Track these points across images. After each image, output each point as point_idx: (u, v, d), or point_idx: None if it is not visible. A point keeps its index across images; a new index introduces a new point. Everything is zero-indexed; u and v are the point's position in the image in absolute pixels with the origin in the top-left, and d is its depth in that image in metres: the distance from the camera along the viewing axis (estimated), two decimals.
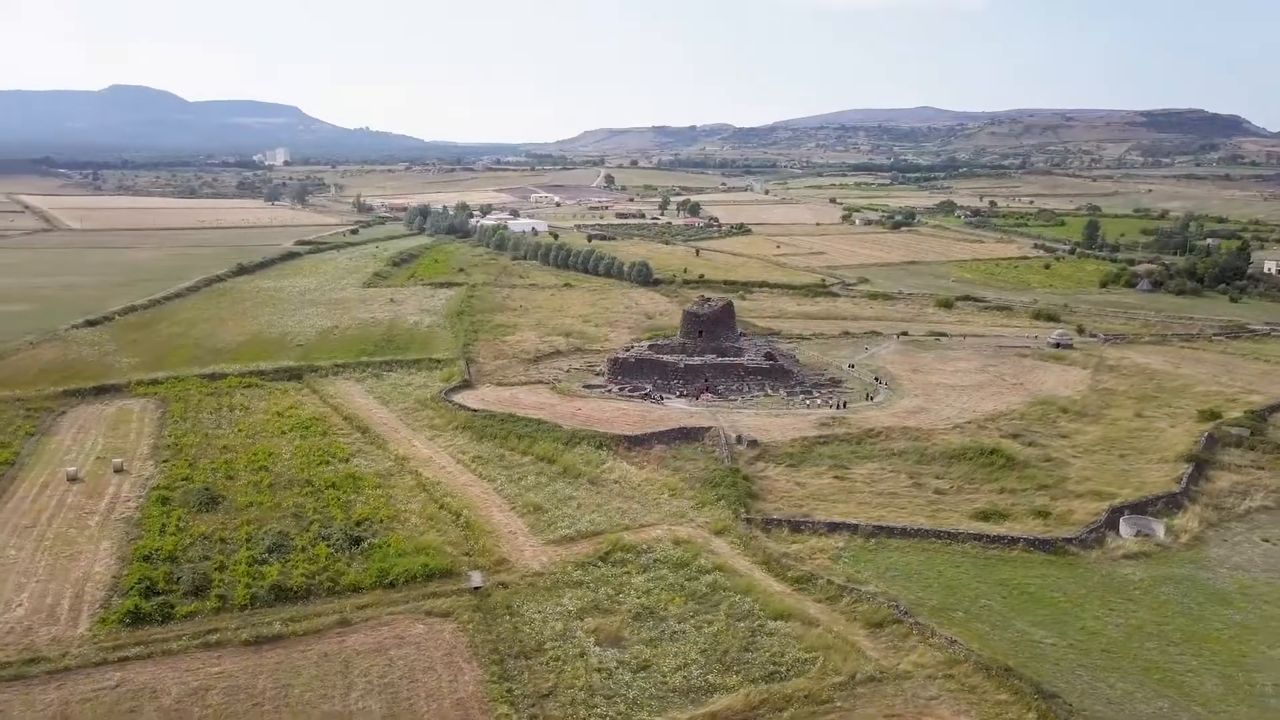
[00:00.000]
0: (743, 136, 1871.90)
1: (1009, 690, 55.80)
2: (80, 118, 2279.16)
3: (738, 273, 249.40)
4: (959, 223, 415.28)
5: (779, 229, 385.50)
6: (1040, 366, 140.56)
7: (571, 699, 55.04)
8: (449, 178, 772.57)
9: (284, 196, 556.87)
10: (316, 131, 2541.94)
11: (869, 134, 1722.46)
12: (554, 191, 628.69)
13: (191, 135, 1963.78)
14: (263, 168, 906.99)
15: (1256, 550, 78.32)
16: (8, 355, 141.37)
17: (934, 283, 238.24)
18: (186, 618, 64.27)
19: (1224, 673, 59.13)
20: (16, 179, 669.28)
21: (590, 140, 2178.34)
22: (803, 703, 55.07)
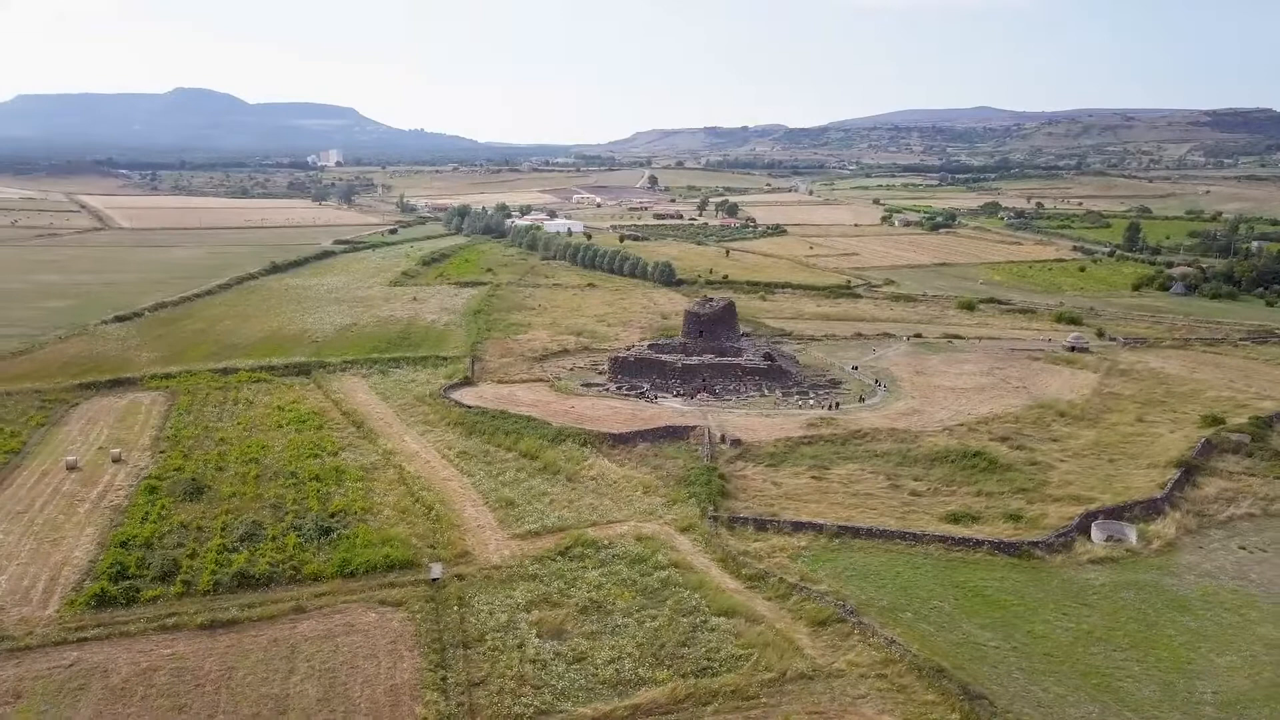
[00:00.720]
0: (794, 137, 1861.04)
1: (937, 691, 55.87)
2: (144, 120, 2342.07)
3: (764, 273, 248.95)
4: (1001, 224, 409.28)
5: (816, 230, 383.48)
6: (1049, 370, 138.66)
7: (500, 688, 56.23)
8: (495, 179, 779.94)
9: (331, 197, 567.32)
10: (372, 133, 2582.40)
11: (922, 135, 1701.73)
12: (597, 192, 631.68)
13: (250, 136, 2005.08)
14: (315, 168, 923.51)
15: (1230, 557, 76.96)
16: (36, 349, 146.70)
17: (962, 285, 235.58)
18: (150, 601, 66.70)
19: (1165, 679, 58.46)
20: (79, 179, 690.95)
21: (642, 141, 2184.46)
22: (728, 698, 55.69)
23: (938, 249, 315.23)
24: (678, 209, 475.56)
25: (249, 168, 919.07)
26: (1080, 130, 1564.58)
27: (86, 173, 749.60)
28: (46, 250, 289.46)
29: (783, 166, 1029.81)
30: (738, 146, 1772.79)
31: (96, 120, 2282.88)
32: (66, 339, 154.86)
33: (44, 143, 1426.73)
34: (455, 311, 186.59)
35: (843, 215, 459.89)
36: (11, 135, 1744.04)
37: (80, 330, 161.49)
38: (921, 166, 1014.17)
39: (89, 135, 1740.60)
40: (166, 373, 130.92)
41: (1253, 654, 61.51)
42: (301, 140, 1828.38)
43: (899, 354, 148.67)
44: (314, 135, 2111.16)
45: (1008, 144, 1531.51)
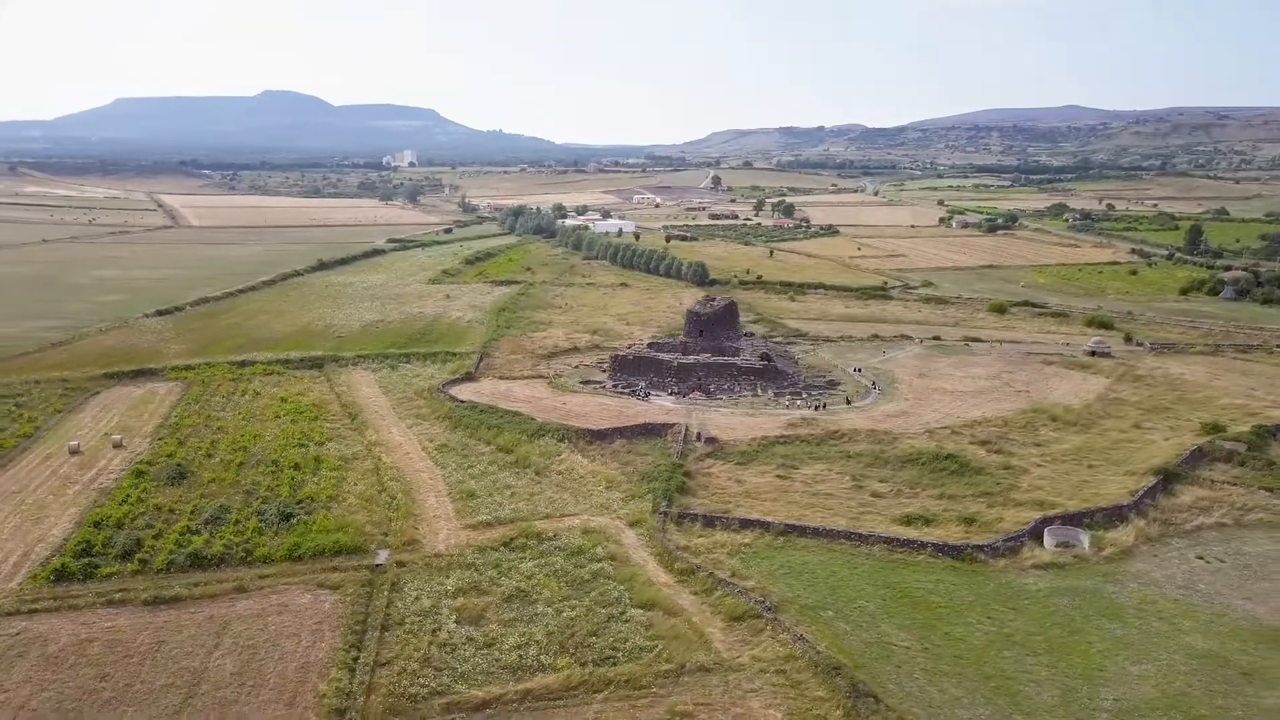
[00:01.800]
0: (870, 138, 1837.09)
1: (828, 688, 56.38)
2: (234, 121, 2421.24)
3: (801, 274, 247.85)
4: (1063, 226, 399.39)
5: (871, 230, 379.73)
6: (1061, 374, 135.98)
7: (403, 669, 58.40)
8: (562, 179, 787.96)
9: (397, 196, 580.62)
10: (451, 133, 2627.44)
11: (1003, 135, 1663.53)
12: (659, 193, 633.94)
13: (334, 138, 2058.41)
14: (388, 169, 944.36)
15: (1184, 567, 75.28)
16: (75, 340, 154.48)
17: (1002, 287, 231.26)
18: (106, 578, 70.64)
19: (1069, 685, 57.88)
20: (163, 179, 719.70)
21: (716, 142, 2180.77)
22: (620, 687, 56.97)
23: (989, 251, 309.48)
24: (734, 209, 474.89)
25: (325, 168, 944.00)
26: (1169, 129, 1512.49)
27: (171, 173, 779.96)
28: (114, 247, 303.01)
29: (853, 167, 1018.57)
30: (812, 147, 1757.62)
31: (189, 122, 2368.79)
32: (106, 331, 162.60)
33: (138, 144, 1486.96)
34: (482, 309, 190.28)
35: (902, 216, 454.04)
36: (109, 137, 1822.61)
37: (121, 323, 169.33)
38: (997, 167, 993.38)
39: (181, 136, 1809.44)
40: (187, 364, 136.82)
41: (1171, 664, 60.42)
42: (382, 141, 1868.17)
43: (909, 356, 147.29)
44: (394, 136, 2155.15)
45: (1092, 144, 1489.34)
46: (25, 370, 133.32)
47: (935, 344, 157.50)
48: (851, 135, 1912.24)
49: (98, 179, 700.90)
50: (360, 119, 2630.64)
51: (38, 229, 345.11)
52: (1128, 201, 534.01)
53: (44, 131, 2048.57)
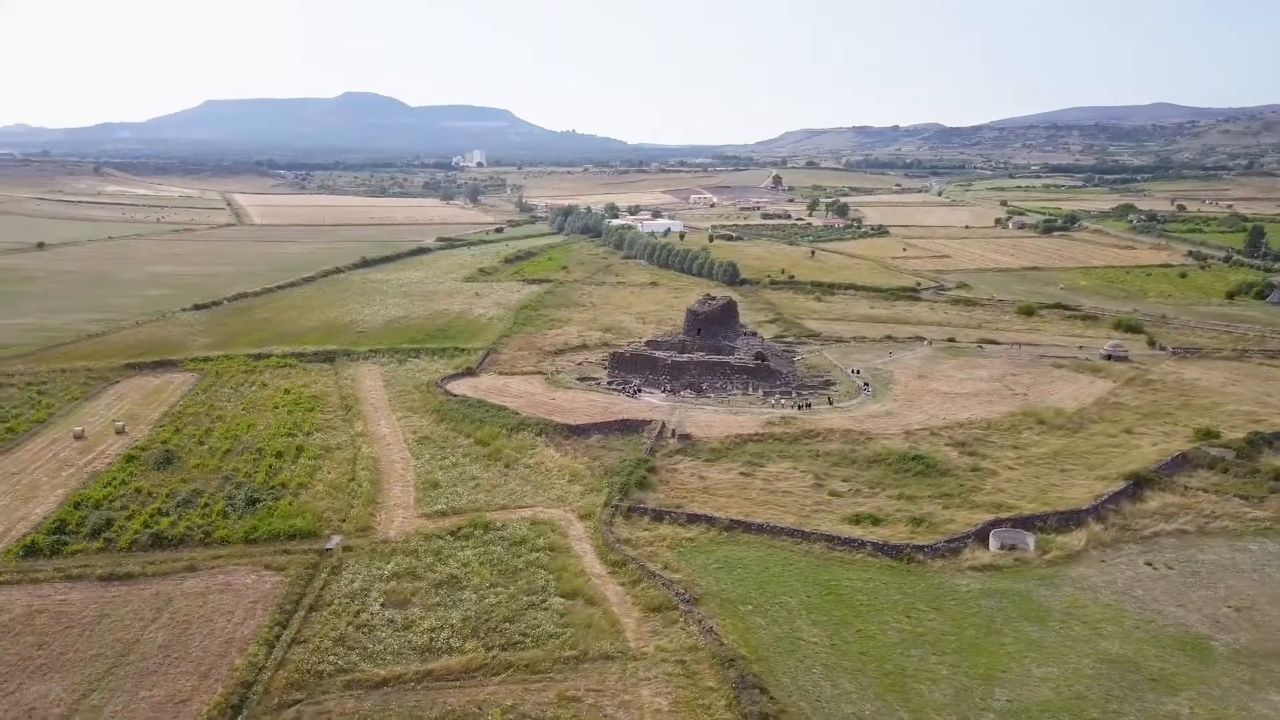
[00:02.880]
0: (945, 137, 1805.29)
1: (719, 679, 57.40)
2: (314, 122, 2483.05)
3: (836, 274, 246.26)
4: (1125, 227, 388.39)
5: (923, 231, 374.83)
6: (1068, 377, 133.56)
7: (316, 646, 61.10)
8: (623, 180, 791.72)
9: (458, 196, 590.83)
10: (525, 134, 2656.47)
11: (1083, 133, 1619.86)
12: (718, 193, 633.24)
13: (411, 138, 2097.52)
14: (456, 169, 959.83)
15: (1127, 572, 74.14)
16: (111, 333, 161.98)
17: (1040, 289, 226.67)
18: (71, 554, 74.94)
19: (965, 685, 57.92)
20: (239, 179, 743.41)
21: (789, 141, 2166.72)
22: (519, 671, 58.82)
23: (1038, 253, 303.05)
24: (787, 209, 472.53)
25: (395, 168, 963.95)
26: (1261, 128, 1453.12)
27: (247, 173, 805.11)
28: (174, 244, 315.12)
29: (921, 167, 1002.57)
30: (884, 147, 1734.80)
31: (273, 123, 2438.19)
32: (142, 325, 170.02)
33: (223, 145, 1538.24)
34: (507, 306, 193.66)
35: (960, 217, 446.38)
36: (197, 138, 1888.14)
37: (158, 317, 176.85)
38: (1072, 167, 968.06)
39: (265, 137, 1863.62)
40: (206, 356, 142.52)
41: (1078, 668, 59.95)
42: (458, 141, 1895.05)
43: (916, 357, 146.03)
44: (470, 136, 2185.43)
45: (1177, 142, 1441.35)
46: (56, 360, 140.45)
47: (948, 345, 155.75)
48: (925, 135, 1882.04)
49: (177, 179, 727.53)
50: (436, 119, 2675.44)
51: (108, 227, 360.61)
52: (1202, 202, 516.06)
53: (135, 133, 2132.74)
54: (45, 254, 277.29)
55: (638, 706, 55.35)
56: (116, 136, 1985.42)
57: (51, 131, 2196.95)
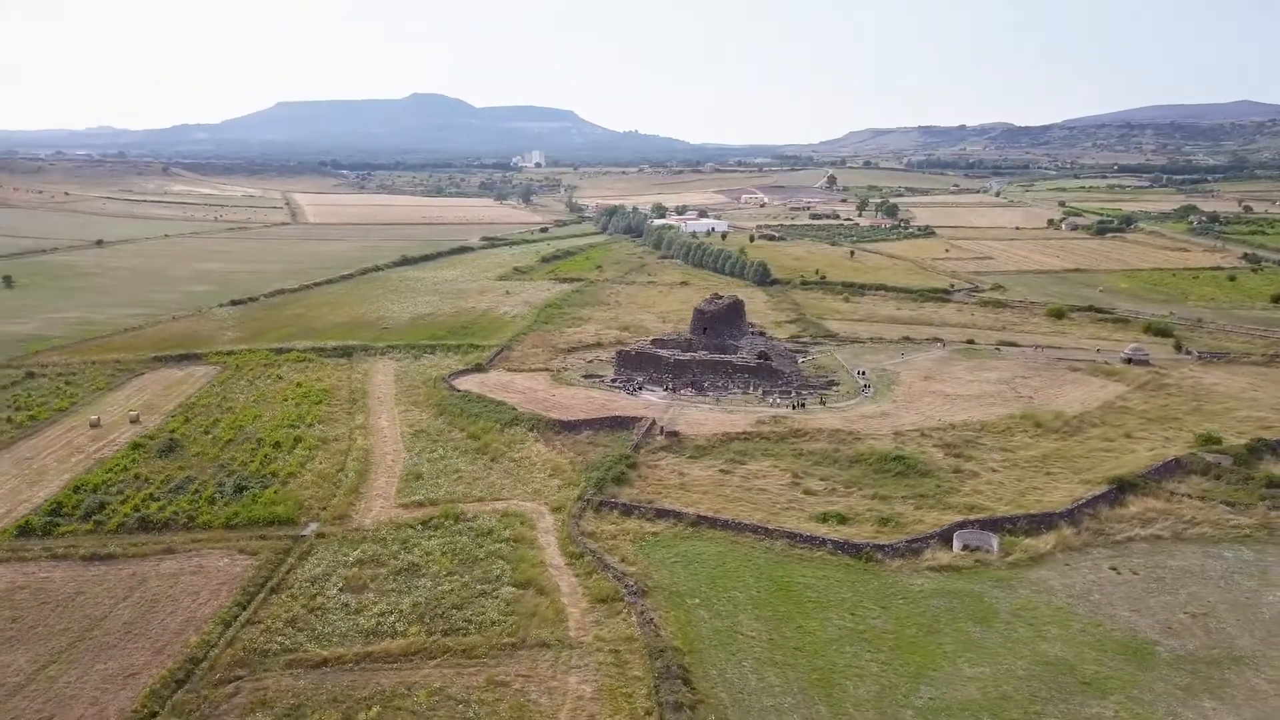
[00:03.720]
0: (1013, 136, 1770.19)
1: (645, 669, 58.57)
2: (383, 123, 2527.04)
3: (869, 275, 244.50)
4: (1182, 229, 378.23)
5: (972, 232, 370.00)
6: (1080, 381, 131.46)
7: (268, 627, 63.70)
8: (677, 180, 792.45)
9: (511, 196, 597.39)
10: (588, 134, 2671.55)
11: (1157, 132, 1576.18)
12: (771, 193, 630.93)
13: (475, 139, 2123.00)
14: (514, 169, 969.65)
15: (1088, 576, 73.38)
16: (147, 327, 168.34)
17: (1077, 291, 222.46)
18: (61, 535, 78.76)
19: (892, 682, 58.22)
20: (301, 179, 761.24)
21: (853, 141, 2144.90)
22: (455, 655, 60.68)
23: (1086, 255, 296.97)
24: (836, 209, 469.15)
25: (455, 168, 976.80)
26: None
27: (311, 173, 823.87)
28: (226, 241, 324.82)
29: (984, 167, 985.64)
30: (950, 146, 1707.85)
31: (342, 124, 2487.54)
32: (179, 319, 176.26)
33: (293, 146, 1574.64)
34: (533, 305, 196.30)
35: (1013, 218, 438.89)
36: (268, 139, 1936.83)
37: (195, 312, 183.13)
38: (1143, 167, 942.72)
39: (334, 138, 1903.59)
40: (230, 350, 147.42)
41: (1010, 668, 59.82)
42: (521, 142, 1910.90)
43: (928, 359, 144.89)
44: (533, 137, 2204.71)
45: (1256, 142, 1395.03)
46: (91, 352, 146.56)
47: (965, 347, 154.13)
48: (993, 134, 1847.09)
49: (242, 179, 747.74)
50: (501, 120, 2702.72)
51: (167, 225, 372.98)
52: (1271, 203, 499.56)
53: (210, 134, 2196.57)
54: (103, 251, 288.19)
55: (562, 693, 56.76)
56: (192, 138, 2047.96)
57: (132, 133, 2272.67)
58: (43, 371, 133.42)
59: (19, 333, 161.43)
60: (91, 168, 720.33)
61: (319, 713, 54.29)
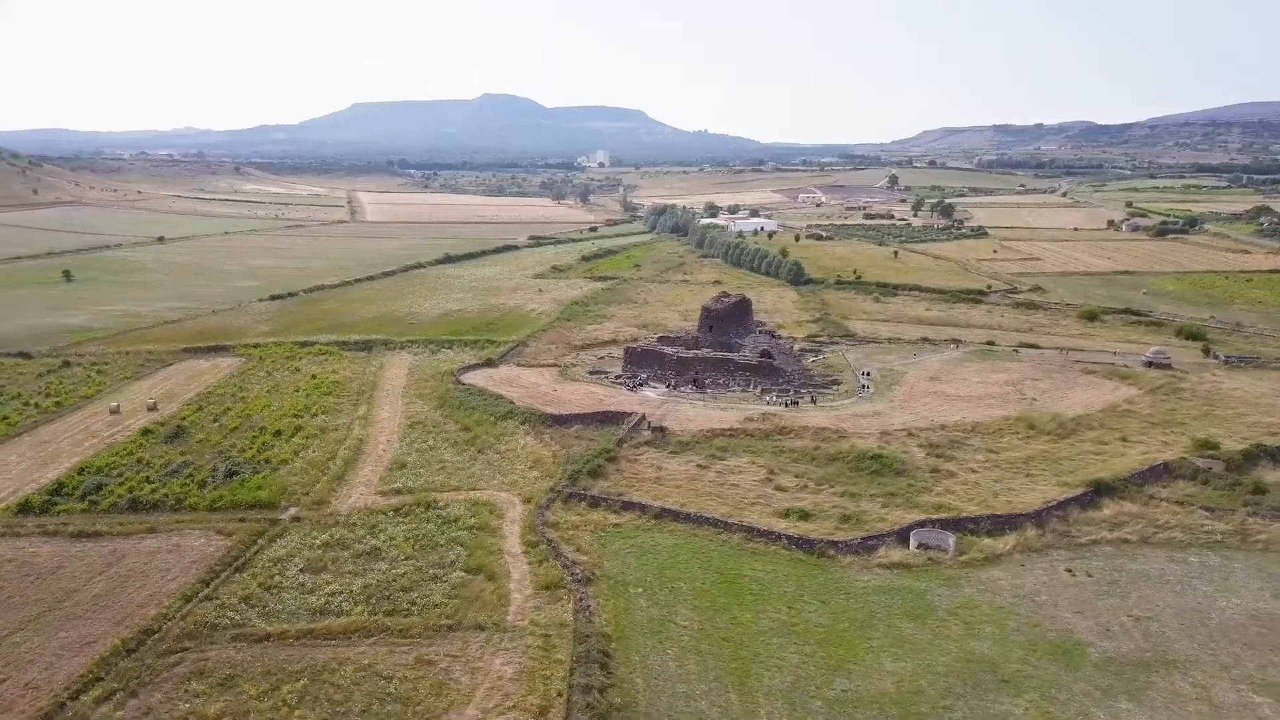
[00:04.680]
0: (1091, 135, 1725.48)
1: (570, 652, 60.36)
2: (455, 124, 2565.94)
3: (907, 275, 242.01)
4: (1250, 230, 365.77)
5: (1027, 233, 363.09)
6: (1091, 384, 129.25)
7: (223, 603, 67.04)
8: (738, 179, 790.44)
9: (569, 196, 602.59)
10: (657, 134, 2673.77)
11: (1245, 131, 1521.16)
12: (831, 192, 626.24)
13: (544, 139, 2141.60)
14: (578, 169, 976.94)
15: (1041, 577, 72.95)
16: (186, 320, 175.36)
17: (1120, 294, 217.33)
18: (57, 513, 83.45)
19: (809, 673, 59.09)
20: (368, 178, 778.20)
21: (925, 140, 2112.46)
22: (391, 634, 63.25)
23: (1141, 256, 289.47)
24: (891, 209, 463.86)
25: (520, 168, 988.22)
26: None
27: (378, 173, 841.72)
28: (281, 239, 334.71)
29: (1055, 166, 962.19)
30: (1025, 145, 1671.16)
31: (415, 125, 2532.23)
32: (217, 313, 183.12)
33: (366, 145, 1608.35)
34: (562, 302, 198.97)
35: (1074, 219, 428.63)
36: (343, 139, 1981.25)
37: (234, 306, 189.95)
38: (1225, 167, 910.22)
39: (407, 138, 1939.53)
40: (257, 343, 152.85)
41: (932, 664, 60.17)
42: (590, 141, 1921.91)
43: (939, 360, 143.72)
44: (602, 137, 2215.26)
45: None
46: (129, 343, 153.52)
47: (982, 349, 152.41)
48: (1070, 133, 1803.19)
49: (311, 177, 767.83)
50: (570, 120, 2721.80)
51: (229, 222, 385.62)
52: None
53: (288, 134, 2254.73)
54: (162, 247, 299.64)
55: (484, 672, 58.84)
56: (271, 138, 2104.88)
57: (215, 134, 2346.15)
58: (78, 361, 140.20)
59: (67, 324, 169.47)
60: (168, 167, 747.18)
61: (251, 683, 57.24)
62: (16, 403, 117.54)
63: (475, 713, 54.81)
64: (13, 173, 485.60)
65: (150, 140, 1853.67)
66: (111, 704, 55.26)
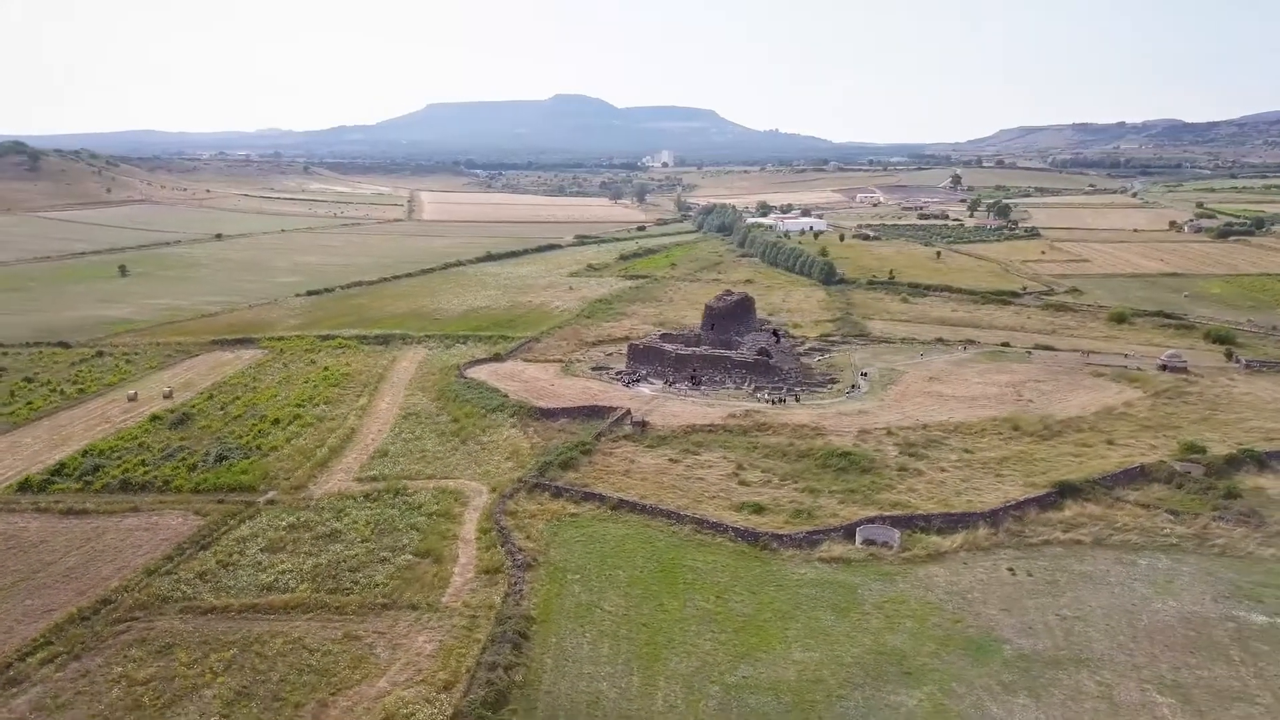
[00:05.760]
0: (1174, 133, 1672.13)
1: (487, 632, 62.83)
2: (527, 124, 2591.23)
3: (944, 276, 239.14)
4: None
5: (1083, 233, 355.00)
6: (1096, 386, 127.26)
7: (180, 578, 71.03)
8: (798, 179, 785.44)
9: (626, 196, 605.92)
10: (727, 133, 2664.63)
11: None
12: (892, 192, 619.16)
13: (614, 139, 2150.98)
14: (641, 169, 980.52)
15: (979, 576, 73.06)
16: (222, 314, 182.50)
17: (1160, 296, 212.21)
18: (53, 491, 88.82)
19: (716, 660, 60.49)
20: (433, 178, 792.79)
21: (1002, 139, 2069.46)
22: (328, 611, 66.48)
23: (1192, 258, 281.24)
24: (946, 209, 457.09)
25: (584, 168, 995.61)
26: None
27: (444, 172, 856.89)
28: (334, 236, 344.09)
29: (1131, 166, 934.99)
30: (1105, 144, 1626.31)
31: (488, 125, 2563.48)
32: (253, 307, 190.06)
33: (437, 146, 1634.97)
34: (587, 300, 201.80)
35: (1137, 219, 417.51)
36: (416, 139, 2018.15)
37: (270, 301, 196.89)
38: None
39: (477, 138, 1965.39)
40: (281, 336, 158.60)
41: (840, 655, 61.13)
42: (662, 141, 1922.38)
43: (946, 360, 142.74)
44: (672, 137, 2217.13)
45: None
46: (164, 334, 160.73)
47: (995, 350, 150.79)
48: (1152, 131, 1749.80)
49: (378, 177, 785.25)
50: (640, 120, 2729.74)
51: (287, 220, 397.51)
52: None
53: (364, 135, 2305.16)
54: (219, 244, 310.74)
55: (406, 649, 61.61)
56: (348, 138, 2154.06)
57: (295, 134, 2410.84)
58: (111, 351, 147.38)
59: (111, 316, 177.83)
60: (240, 167, 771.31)
61: (185, 651, 60.89)
62: (45, 389, 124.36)
63: (385, 685, 57.54)
64: (89, 172, 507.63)
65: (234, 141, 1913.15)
66: (54, 665, 59.39)
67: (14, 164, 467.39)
